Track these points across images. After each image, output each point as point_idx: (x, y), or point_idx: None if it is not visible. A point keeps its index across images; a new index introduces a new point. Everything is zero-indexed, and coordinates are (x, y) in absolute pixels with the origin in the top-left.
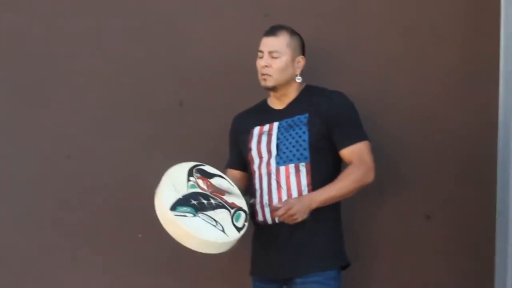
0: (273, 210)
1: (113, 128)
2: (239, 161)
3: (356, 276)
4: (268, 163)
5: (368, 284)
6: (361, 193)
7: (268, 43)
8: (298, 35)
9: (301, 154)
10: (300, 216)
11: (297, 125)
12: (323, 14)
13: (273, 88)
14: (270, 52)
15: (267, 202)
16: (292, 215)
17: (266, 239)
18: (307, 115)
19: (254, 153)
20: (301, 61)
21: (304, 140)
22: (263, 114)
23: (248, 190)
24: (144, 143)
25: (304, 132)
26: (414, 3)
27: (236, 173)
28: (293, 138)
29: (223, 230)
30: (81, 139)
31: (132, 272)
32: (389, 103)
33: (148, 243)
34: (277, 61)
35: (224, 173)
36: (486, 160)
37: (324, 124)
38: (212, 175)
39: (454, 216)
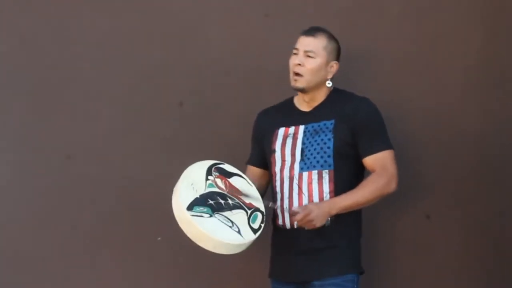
0: (291, 214)
1: (131, 128)
2: (260, 158)
3: None
4: (292, 168)
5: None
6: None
7: (305, 42)
8: (336, 40)
9: (325, 161)
10: (319, 222)
11: (323, 131)
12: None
13: (303, 90)
14: (305, 51)
15: (288, 207)
16: (310, 221)
17: (285, 242)
18: (333, 121)
19: (277, 155)
20: (334, 66)
21: (328, 147)
22: (289, 114)
23: (266, 188)
24: (153, 143)
25: (329, 139)
26: (431, 6)
27: (257, 170)
28: (318, 144)
29: (239, 232)
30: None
31: (147, 274)
32: (399, 104)
33: (164, 245)
34: (311, 61)
35: (245, 169)
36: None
37: (350, 131)
38: (231, 174)
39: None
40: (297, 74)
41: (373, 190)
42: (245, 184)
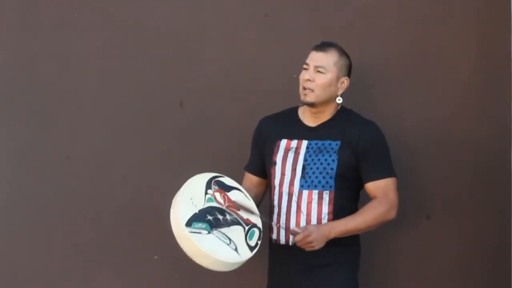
0: (292, 233)
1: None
2: (259, 166)
3: None
4: (291, 183)
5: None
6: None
7: (316, 58)
8: (347, 56)
9: (327, 182)
10: (318, 245)
11: (327, 151)
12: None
13: (312, 105)
14: (316, 67)
15: (284, 223)
16: (310, 242)
17: (280, 257)
18: (339, 143)
19: (278, 168)
20: (345, 82)
21: (332, 169)
22: (292, 126)
23: (262, 197)
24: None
25: (333, 161)
26: (427, 15)
27: (254, 178)
28: (321, 164)
29: (236, 249)
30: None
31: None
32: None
33: (160, 261)
34: (321, 76)
35: (242, 172)
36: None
37: (354, 155)
38: (230, 188)
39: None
40: (307, 88)
41: (373, 217)
42: (243, 198)
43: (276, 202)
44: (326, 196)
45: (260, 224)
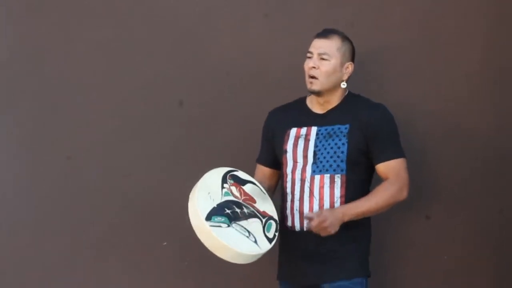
0: (306, 218)
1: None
2: (270, 158)
3: None
4: (304, 170)
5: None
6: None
7: (319, 45)
8: (350, 41)
9: (338, 166)
10: (333, 229)
11: (337, 135)
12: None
13: (319, 93)
14: (319, 54)
15: (298, 209)
16: (325, 227)
17: (293, 245)
18: (348, 126)
19: (289, 156)
20: (349, 67)
21: (342, 152)
22: (301, 115)
23: (275, 188)
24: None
25: (343, 144)
26: (432, 9)
27: (266, 170)
28: (332, 148)
29: (255, 242)
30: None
31: (151, 278)
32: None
33: (169, 249)
34: (325, 63)
35: (247, 166)
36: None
37: (364, 137)
38: (245, 182)
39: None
40: (312, 77)
41: (386, 198)
42: (258, 192)
43: (289, 190)
44: (338, 179)
45: (276, 216)
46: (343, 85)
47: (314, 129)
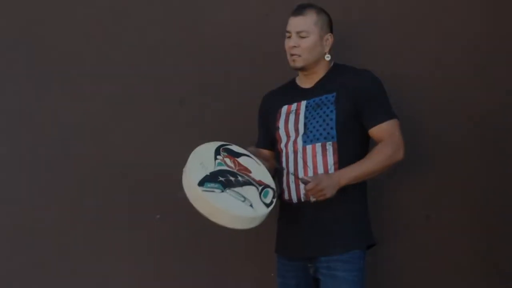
0: (302, 182)
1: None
2: (268, 140)
3: None
4: (295, 142)
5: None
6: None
7: (296, 23)
8: (325, 12)
9: (328, 133)
10: (329, 192)
11: (325, 104)
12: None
13: (302, 68)
14: (298, 32)
15: (293, 180)
16: (321, 190)
17: (291, 217)
18: (334, 94)
19: (281, 131)
20: (329, 38)
21: (331, 119)
22: (291, 93)
23: (276, 169)
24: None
25: (331, 111)
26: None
27: (265, 152)
28: (320, 117)
29: (251, 206)
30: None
31: (147, 252)
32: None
33: (164, 223)
34: (305, 40)
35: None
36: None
37: (352, 103)
38: (239, 155)
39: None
40: (294, 55)
41: (381, 159)
42: (253, 164)
43: (284, 164)
44: (329, 147)
45: (273, 185)
46: (327, 57)
47: (303, 103)
